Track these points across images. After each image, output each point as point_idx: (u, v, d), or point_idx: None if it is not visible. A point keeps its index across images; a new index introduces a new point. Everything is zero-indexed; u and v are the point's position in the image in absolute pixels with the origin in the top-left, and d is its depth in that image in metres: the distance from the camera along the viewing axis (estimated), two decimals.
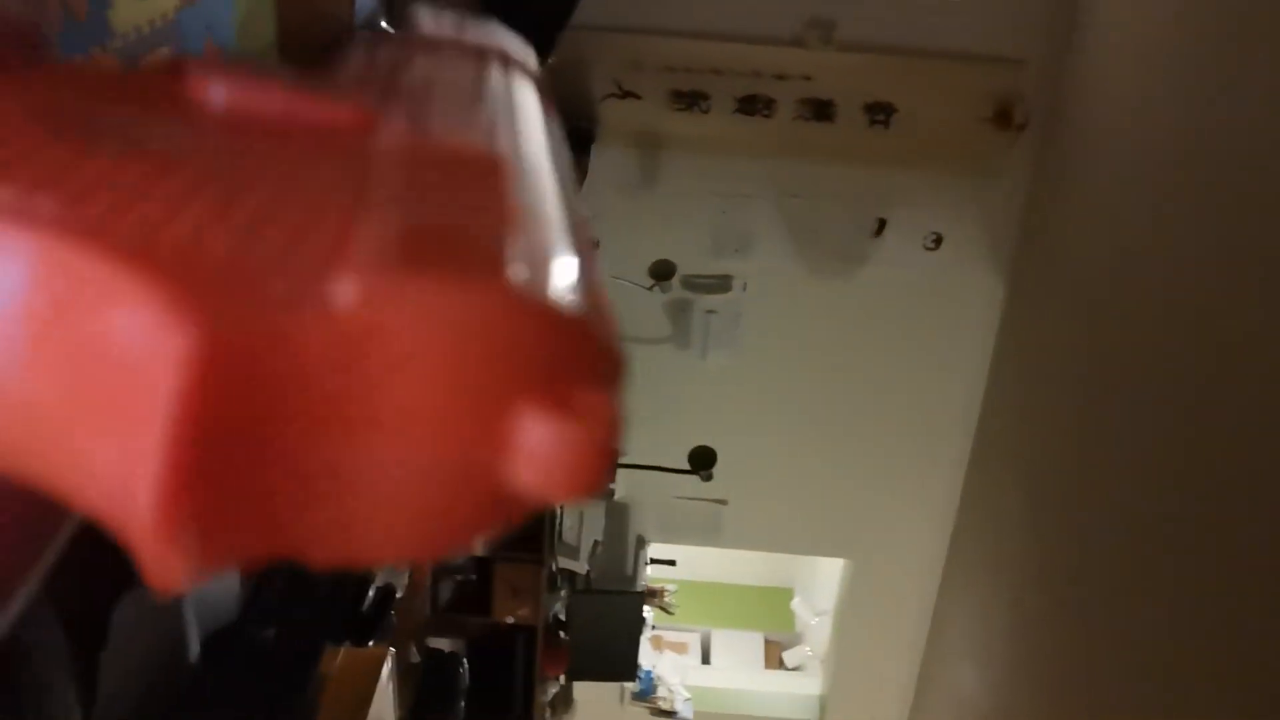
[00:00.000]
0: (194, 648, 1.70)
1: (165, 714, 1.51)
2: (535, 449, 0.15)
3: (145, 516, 0.14)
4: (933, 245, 3.85)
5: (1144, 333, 2.77)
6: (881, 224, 3.83)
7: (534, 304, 0.16)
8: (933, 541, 4.33)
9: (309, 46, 2.96)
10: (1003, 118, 3.55)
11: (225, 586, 1.85)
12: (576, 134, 3.47)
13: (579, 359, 0.17)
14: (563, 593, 4.10)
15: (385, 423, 0.15)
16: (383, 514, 0.15)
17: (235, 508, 0.15)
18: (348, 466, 0.15)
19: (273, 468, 0.15)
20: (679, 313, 4.00)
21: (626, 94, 3.58)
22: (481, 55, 0.55)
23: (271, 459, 0.15)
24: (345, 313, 0.15)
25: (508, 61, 0.58)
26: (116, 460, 0.14)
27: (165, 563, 0.14)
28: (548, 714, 4.14)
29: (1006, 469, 3.77)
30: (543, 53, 2.90)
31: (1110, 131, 3.14)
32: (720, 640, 6.93)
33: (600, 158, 3.61)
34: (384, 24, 3.28)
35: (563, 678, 4.16)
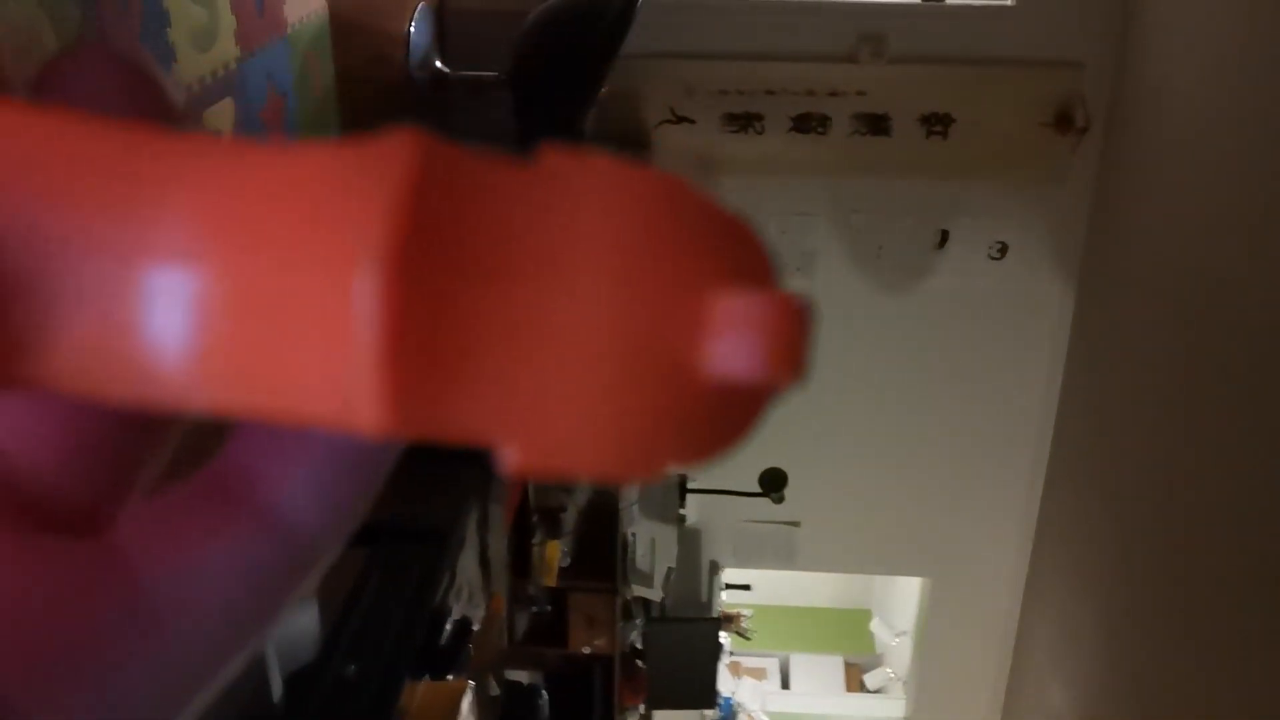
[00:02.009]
0: (277, 686, 1.72)
1: None
2: (733, 319, 0.15)
3: (368, 346, 0.14)
4: (998, 255, 3.79)
5: (1227, 335, 2.69)
6: (944, 236, 3.78)
7: (714, 197, 0.17)
8: (1013, 557, 4.24)
9: (366, 89, 3.03)
10: (1063, 121, 3.49)
11: (305, 626, 1.87)
12: None
13: (758, 249, 0.17)
14: (638, 621, 4.08)
15: (576, 283, 0.15)
16: (578, 393, 0.15)
17: (445, 348, 0.15)
18: (544, 326, 0.15)
19: (474, 316, 0.15)
20: None
21: (680, 119, 3.59)
22: None
23: (473, 306, 0.15)
24: (545, 164, 0.16)
25: None
26: (330, 310, 0.15)
27: (388, 400, 0.15)
28: None
29: (1086, 480, 3.68)
30: (574, 118, 2.93)
31: (1176, 128, 3.07)
32: (799, 664, 6.86)
33: None
34: (438, 64, 3.34)
35: (642, 707, 4.14)
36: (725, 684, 5.09)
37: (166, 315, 0.15)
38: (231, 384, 0.16)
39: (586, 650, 3.82)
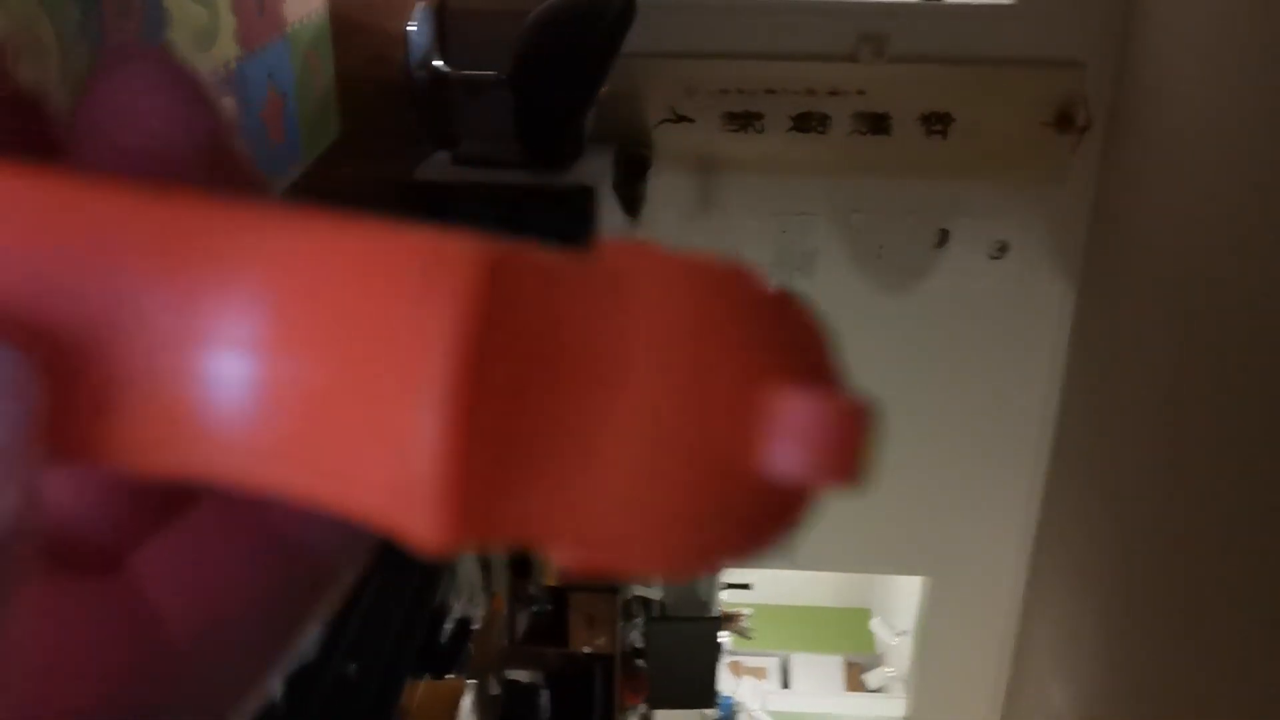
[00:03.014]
0: (277, 686, 1.72)
1: None
2: (793, 422, 0.15)
3: (429, 465, 0.14)
4: (998, 254, 3.79)
5: (1227, 334, 2.69)
6: (944, 235, 3.78)
7: (780, 288, 0.17)
8: (1014, 556, 4.24)
9: (366, 89, 3.03)
10: (1064, 121, 3.49)
11: None
12: (632, 161, 3.49)
13: (818, 340, 0.17)
14: (638, 621, 4.08)
15: (636, 385, 0.15)
16: (634, 494, 0.15)
17: (505, 467, 0.15)
18: (603, 432, 0.15)
19: (534, 427, 0.15)
20: None
21: (681, 118, 3.59)
22: None
23: (533, 417, 0.15)
24: (606, 262, 0.16)
25: None
26: (390, 425, 0.15)
27: (447, 523, 0.15)
28: None
29: (1087, 479, 3.68)
30: (574, 118, 2.92)
31: (1176, 128, 3.07)
32: (799, 663, 6.85)
33: (657, 184, 3.62)
34: (438, 64, 3.34)
35: (642, 706, 4.14)
36: (725, 683, 5.09)
37: (227, 403, 0.15)
38: (289, 475, 0.16)
39: (587, 650, 3.82)
